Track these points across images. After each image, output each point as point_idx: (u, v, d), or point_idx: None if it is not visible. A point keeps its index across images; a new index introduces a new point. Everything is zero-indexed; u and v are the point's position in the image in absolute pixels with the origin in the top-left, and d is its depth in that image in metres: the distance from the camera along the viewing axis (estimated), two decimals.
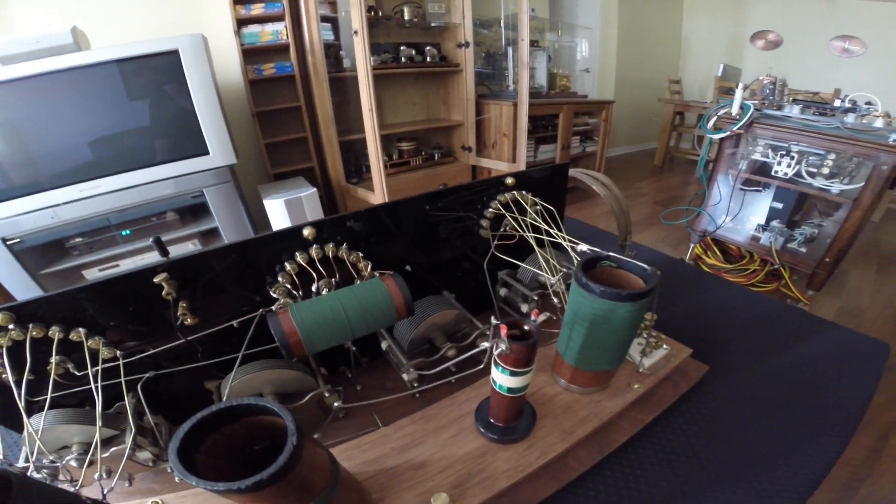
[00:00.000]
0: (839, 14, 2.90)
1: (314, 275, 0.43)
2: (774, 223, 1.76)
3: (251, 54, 2.01)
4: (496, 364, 0.37)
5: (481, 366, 0.49)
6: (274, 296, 0.43)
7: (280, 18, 2.02)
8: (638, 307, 0.42)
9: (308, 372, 0.46)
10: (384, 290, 0.40)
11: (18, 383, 0.35)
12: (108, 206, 1.55)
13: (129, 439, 0.38)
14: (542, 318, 0.35)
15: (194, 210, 1.76)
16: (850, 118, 1.55)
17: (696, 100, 3.29)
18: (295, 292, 0.43)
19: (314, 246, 0.44)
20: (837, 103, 1.62)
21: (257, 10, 1.94)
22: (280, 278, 0.44)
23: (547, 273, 0.50)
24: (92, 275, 1.70)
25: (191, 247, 1.73)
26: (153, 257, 1.75)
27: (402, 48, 2.37)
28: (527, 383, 0.38)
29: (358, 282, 0.44)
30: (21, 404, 0.34)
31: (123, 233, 1.66)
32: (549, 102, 2.49)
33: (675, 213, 2.36)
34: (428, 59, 2.42)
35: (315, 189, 1.76)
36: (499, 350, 0.34)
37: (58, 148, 1.47)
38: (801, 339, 0.69)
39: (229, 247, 0.41)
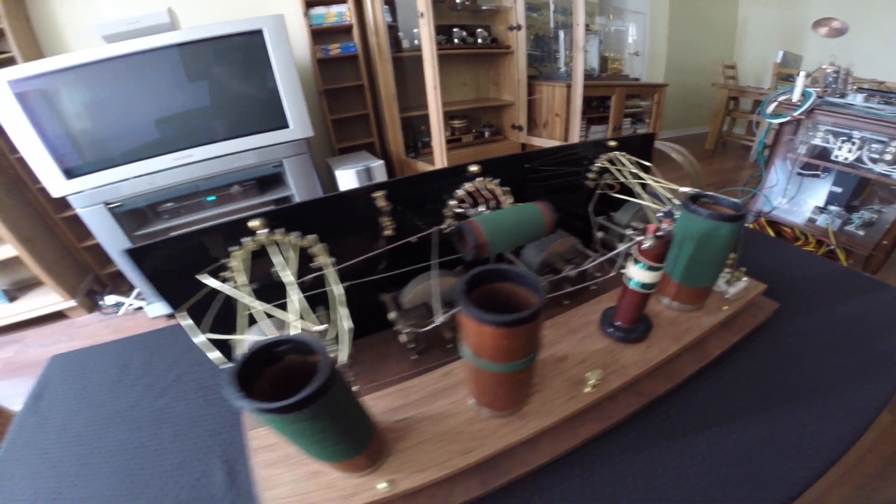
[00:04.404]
0: None
1: (478, 200, 0.57)
2: (832, 207, 1.80)
3: (318, 35, 2.16)
4: (636, 262, 0.49)
5: (596, 284, 0.61)
6: (446, 215, 0.57)
7: (343, 0, 2.15)
8: (735, 228, 0.54)
9: None
10: (537, 210, 0.53)
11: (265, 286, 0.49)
12: (198, 173, 1.73)
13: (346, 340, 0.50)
14: (673, 226, 0.47)
15: (271, 179, 1.94)
16: None
17: (751, 86, 3.28)
18: (471, 210, 0.56)
19: (478, 178, 0.57)
20: None
21: None
22: (451, 202, 0.57)
23: (658, 205, 0.62)
24: None
25: None
26: None
27: (454, 30, 2.48)
28: (658, 280, 0.50)
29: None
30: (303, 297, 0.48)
31: (208, 199, 1.85)
32: (601, 84, 2.57)
33: (730, 195, 2.40)
34: (479, 40, 2.52)
35: (382, 161, 1.91)
36: (646, 244, 0.46)
37: (155, 120, 1.63)
38: (861, 295, 0.78)
39: (425, 175, 0.55)
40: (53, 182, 1.54)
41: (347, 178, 1.83)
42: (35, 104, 1.45)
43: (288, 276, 0.45)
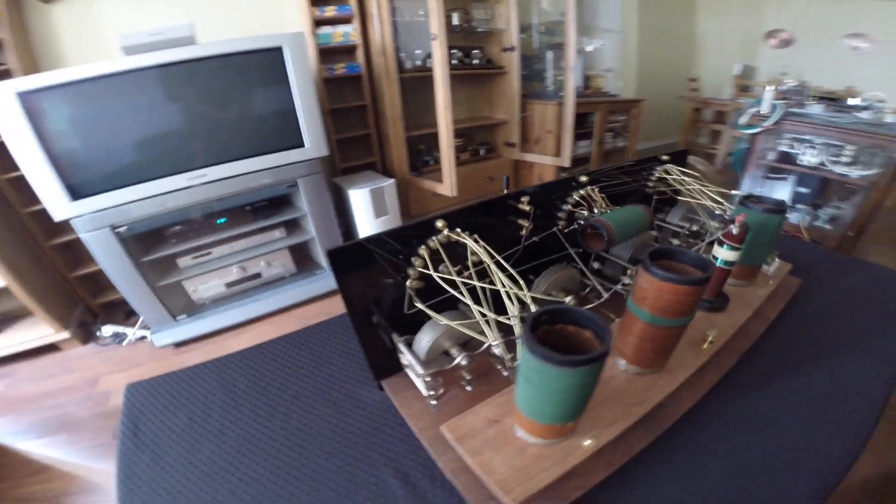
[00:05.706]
0: (851, 12, 3.29)
1: (591, 204, 0.74)
2: (800, 206, 2.14)
3: (324, 54, 2.26)
4: (720, 243, 0.67)
5: None
6: (560, 217, 0.74)
7: (349, 20, 2.26)
8: (782, 218, 0.74)
9: (578, 275, 0.76)
10: (643, 211, 0.71)
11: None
12: (211, 194, 1.70)
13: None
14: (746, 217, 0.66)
15: (282, 200, 2.00)
16: (864, 114, 1.94)
17: (713, 97, 3.73)
18: (584, 212, 0.73)
19: (587, 187, 0.74)
20: (855, 101, 2.00)
21: (330, 11, 2.18)
22: (564, 206, 0.74)
23: (711, 205, 0.81)
24: (185, 263, 1.89)
25: (277, 234, 1.97)
26: (245, 245, 1.96)
27: (452, 51, 2.67)
28: (737, 259, 0.68)
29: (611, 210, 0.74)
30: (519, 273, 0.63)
31: (219, 221, 1.87)
32: (587, 102, 2.85)
33: None
34: (475, 61, 2.73)
35: (394, 179, 2.04)
36: (735, 231, 0.64)
37: (168, 137, 1.61)
38: (852, 272, 1.01)
39: (555, 183, 0.70)
40: (57, 204, 1.46)
41: (360, 198, 1.94)
42: (43, 118, 1.37)
43: (484, 260, 0.59)
